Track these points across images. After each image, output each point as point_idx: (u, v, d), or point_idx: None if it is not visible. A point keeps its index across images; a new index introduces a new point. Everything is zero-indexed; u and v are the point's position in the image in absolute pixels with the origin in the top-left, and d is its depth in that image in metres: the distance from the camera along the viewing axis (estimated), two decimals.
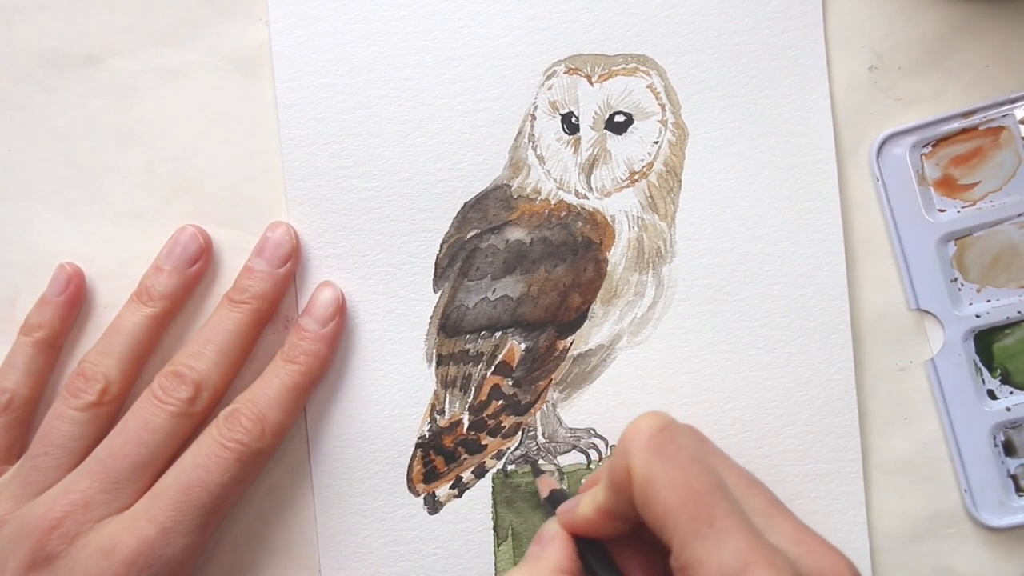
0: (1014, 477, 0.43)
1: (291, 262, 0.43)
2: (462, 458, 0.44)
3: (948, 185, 0.43)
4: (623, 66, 0.43)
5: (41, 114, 0.45)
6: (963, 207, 0.43)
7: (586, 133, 0.44)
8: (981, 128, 0.43)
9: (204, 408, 0.41)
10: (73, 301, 0.44)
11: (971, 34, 0.43)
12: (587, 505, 0.36)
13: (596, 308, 0.43)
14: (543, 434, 0.44)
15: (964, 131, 0.43)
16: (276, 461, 0.44)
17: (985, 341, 0.43)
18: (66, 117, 0.44)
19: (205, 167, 0.44)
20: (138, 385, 0.43)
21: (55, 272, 0.44)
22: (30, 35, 0.44)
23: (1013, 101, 0.43)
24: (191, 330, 0.44)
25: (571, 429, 0.44)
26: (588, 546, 0.37)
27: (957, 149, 0.43)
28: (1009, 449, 0.43)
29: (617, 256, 0.43)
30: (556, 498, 0.40)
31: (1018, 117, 0.43)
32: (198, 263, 0.43)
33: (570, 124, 0.44)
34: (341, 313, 0.43)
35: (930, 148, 0.43)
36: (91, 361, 0.42)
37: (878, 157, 0.43)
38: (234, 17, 0.44)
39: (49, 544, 0.38)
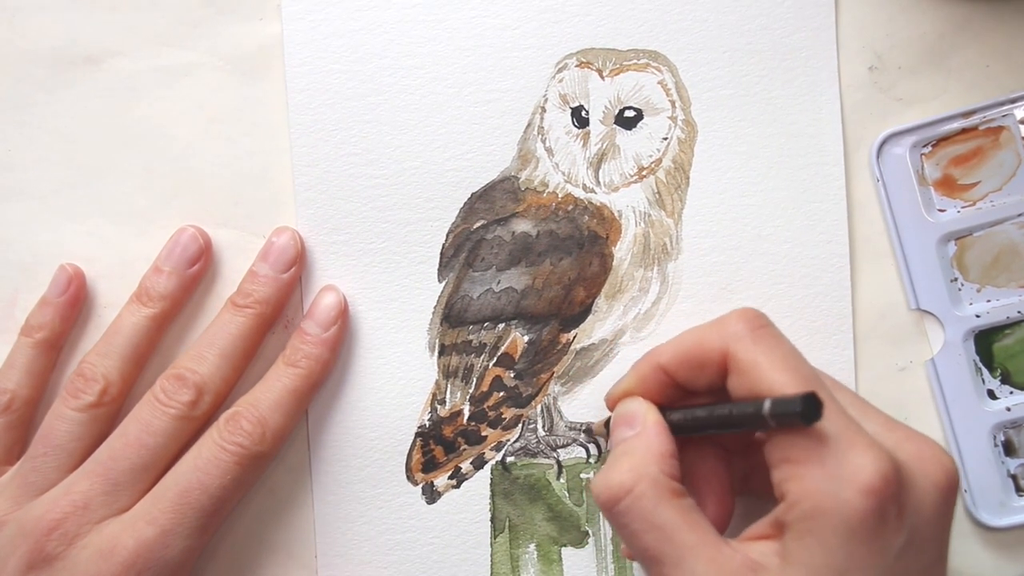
0: (1014, 477, 0.43)
1: (295, 267, 0.43)
2: (461, 448, 0.44)
3: (948, 185, 0.43)
4: (634, 61, 0.43)
5: (41, 114, 0.44)
6: (963, 207, 0.43)
7: (595, 127, 0.43)
8: (981, 128, 0.43)
9: (206, 411, 0.41)
10: (74, 302, 0.44)
11: (971, 34, 0.43)
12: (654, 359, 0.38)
13: (600, 303, 0.43)
14: (543, 427, 0.44)
15: (964, 131, 0.43)
16: (276, 460, 0.44)
17: (985, 341, 0.43)
18: (66, 117, 0.44)
19: (205, 167, 0.44)
20: (138, 386, 0.42)
21: (56, 273, 0.44)
22: (30, 35, 0.44)
23: (1013, 101, 0.43)
24: (191, 331, 0.44)
25: (571, 423, 0.44)
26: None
27: (957, 149, 0.43)
28: (1009, 449, 0.43)
29: (623, 251, 0.43)
30: None
31: (1018, 117, 0.43)
32: (198, 264, 0.43)
33: (580, 118, 0.43)
34: (343, 317, 0.43)
35: (930, 148, 0.43)
36: (91, 362, 0.41)
37: (878, 157, 0.43)
38: (234, 17, 0.44)
39: (48, 545, 0.38)
